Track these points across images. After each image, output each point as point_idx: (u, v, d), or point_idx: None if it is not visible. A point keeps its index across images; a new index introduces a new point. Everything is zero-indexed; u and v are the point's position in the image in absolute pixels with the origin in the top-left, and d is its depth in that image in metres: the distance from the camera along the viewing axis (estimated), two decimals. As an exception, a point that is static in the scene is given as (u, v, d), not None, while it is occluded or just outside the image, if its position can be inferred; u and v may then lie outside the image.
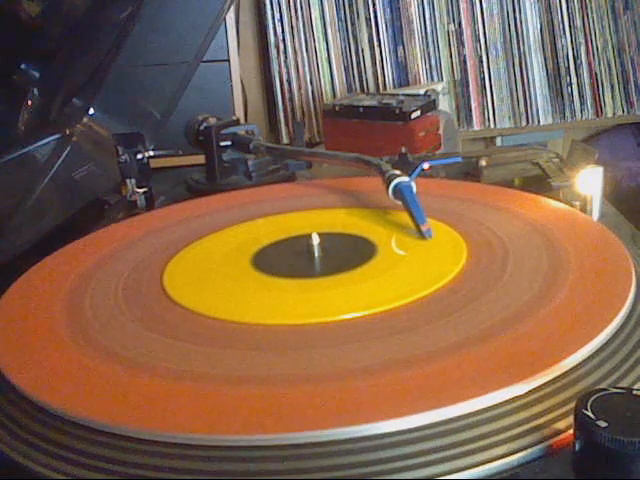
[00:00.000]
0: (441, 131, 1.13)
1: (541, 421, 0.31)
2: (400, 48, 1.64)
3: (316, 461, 0.30)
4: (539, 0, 1.63)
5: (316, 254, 0.50)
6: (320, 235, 0.51)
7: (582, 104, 1.66)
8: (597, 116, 1.67)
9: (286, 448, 0.31)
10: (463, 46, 1.64)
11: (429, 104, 1.14)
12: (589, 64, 1.65)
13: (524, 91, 1.65)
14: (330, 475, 0.30)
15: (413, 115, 1.08)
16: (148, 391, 0.35)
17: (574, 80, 1.65)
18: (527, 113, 1.66)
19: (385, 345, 0.38)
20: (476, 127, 1.67)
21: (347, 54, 1.65)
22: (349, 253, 0.51)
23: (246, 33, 1.65)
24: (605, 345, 0.37)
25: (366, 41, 1.64)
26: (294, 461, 0.30)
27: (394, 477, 0.29)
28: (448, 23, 1.64)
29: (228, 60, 1.38)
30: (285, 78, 1.64)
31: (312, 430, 0.31)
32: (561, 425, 0.31)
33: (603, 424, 0.27)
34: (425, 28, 1.64)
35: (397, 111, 1.09)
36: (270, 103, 1.69)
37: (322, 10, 1.62)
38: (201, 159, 0.75)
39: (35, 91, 0.73)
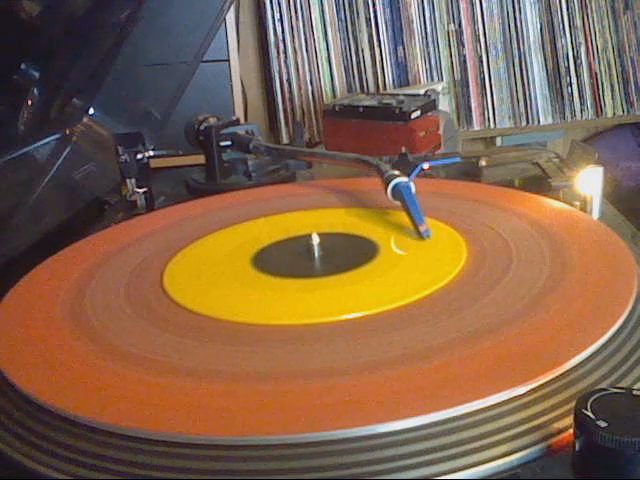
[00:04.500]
0: (441, 131, 1.13)
1: (541, 421, 0.31)
2: (400, 48, 1.64)
3: (316, 461, 0.30)
4: (539, 0, 1.63)
5: (316, 254, 0.50)
6: (320, 235, 0.51)
7: (582, 104, 1.66)
8: (597, 116, 1.67)
9: (285, 448, 0.31)
10: (463, 46, 1.64)
11: (429, 104, 1.14)
12: (589, 64, 1.65)
13: (524, 91, 1.65)
14: (330, 475, 0.30)
15: (413, 115, 1.08)
16: (148, 390, 0.36)
17: (574, 80, 1.65)
18: (527, 113, 1.66)
19: (385, 345, 0.38)
20: (476, 127, 1.67)
21: (347, 54, 1.64)
22: (349, 253, 0.51)
23: (246, 33, 1.65)
24: (605, 345, 0.37)
25: (366, 41, 1.64)
26: (293, 461, 0.31)
27: (394, 477, 0.29)
28: (448, 23, 1.64)
29: (228, 60, 1.37)
30: (285, 78, 1.64)
31: (312, 430, 0.31)
32: (561, 425, 0.31)
33: (603, 424, 0.27)
34: (425, 28, 1.64)
35: (397, 111, 1.09)
36: (270, 103, 1.69)
37: (322, 10, 1.62)
38: (201, 159, 0.75)
39: (35, 91, 0.73)
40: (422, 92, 1.23)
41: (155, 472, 0.31)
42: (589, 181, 0.55)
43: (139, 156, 0.72)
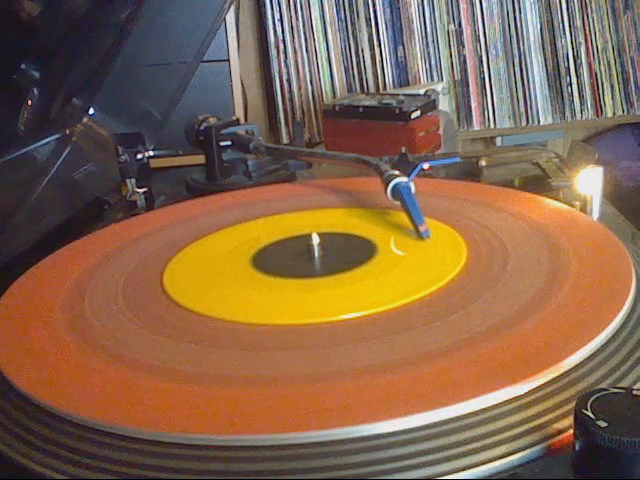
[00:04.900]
0: (441, 131, 1.13)
1: (541, 421, 0.31)
2: (400, 48, 1.64)
3: (315, 462, 0.30)
4: (539, 0, 1.63)
5: (316, 254, 0.50)
6: (320, 235, 0.51)
7: (582, 104, 1.66)
8: (597, 116, 1.67)
9: (285, 448, 0.31)
10: (463, 46, 1.64)
11: (429, 104, 1.14)
12: (589, 64, 1.65)
13: (524, 91, 1.65)
14: (330, 475, 0.30)
15: (413, 115, 1.08)
16: (147, 391, 0.35)
17: (574, 80, 1.65)
18: (527, 113, 1.66)
19: (385, 345, 0.38)
20: (476, 127, 1.67)
21: (347, 54, 1.64)
22: (349, 253, 0.51)
23: (246, 33, 1.65)
24: (605, 345, 0.37)
25: (366, 41, 1.64)
26: (293, 461, 0.30)
27: (394, 477, 0.29)
28: (448, 23, 1.64)
29: (228, 60, 1.38)
30: (285, 78, 1.64)
31: (312, 430, 0.31)
32: (561, 425, 0.31)
33: (603, 424, 0.27)
34: (425, 28, 1.64)
35: (397, 111, 1.09)
36: (270, 103, 1.69)
37: (322, 10, 1.62)
38: (201, 159, 0.75)
39: (35, 91, 0.73)
40: (422, 92, 1.23)
41: (154, 472, 0.31)
42: (589, 181, 0.55)
43: (139, 156, 0.72)
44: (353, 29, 1.64)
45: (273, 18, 1.62)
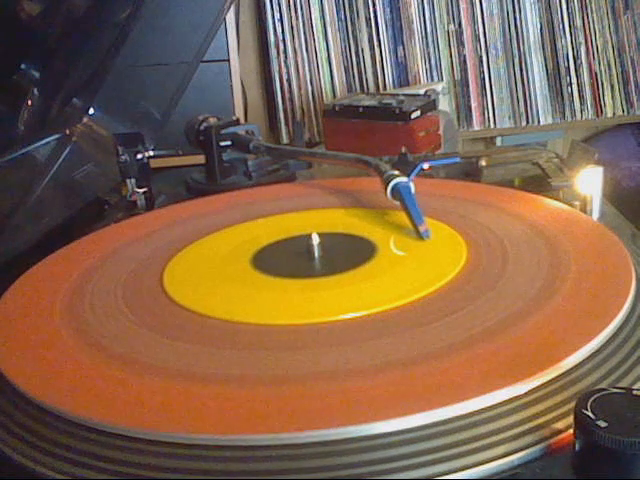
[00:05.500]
0: (441, 131, 1.13)
1: (541, 421, 0.31)
2: (400, 48, 1.64)
3: (316, 461, 0.30)
4: (539, 0, 1.63)
5: (316, 254, 0.50)
6: (320, 235, 0.51)
7: (582, 104, 1.66)
8: (597, 116, 1.67)
9: (284, 448, 0.31)
10: (463, 46, 1.64)
11: (429, 104, 1.14)
12: (589, 64, 1.65)
13: (524, 91, 1.65)
14: (330, 475, 0.30)
15: (413, 115, 1.09)
16: (148, 391, 0.35)
17: (574, 80, 1.65)
18: (527, 113, 1.66)
19: (385, 345, 0.38)
20: (476, 127, 1.67)
21: (347, 54, 1.64)
22: (349, 253, 0.51)
23: (246, 33, 1.65)
24: (605, 345, 0.37)
25: (366, 41, 1.64)
26: (292, 461, 0.30)
27: (394, 477, 0.29)
28: (448, 23, 1.64)
29: (228, 60, 1.37)
30: (285, 78, 1.64)
31: (312, 430, 0.31)
32: (561, 425, 0.31)
33: (603, 424, 0.27)
34: (425, 28, 1.64)
35: (397, 111, 1.09)
36: (270, 103, 1.69)
37: (322, 10, 1.62)
38: (201, 159, 0.75)
39: (35, 91, 0.73)
40: (422, 92, 1.23)
41: (155, 472, 0.31)
42: (589, 181, 0.55)
43: (139, 156, 0.72)
44: (353, 29, 1.64)
45: (273, 18, 1.62)
